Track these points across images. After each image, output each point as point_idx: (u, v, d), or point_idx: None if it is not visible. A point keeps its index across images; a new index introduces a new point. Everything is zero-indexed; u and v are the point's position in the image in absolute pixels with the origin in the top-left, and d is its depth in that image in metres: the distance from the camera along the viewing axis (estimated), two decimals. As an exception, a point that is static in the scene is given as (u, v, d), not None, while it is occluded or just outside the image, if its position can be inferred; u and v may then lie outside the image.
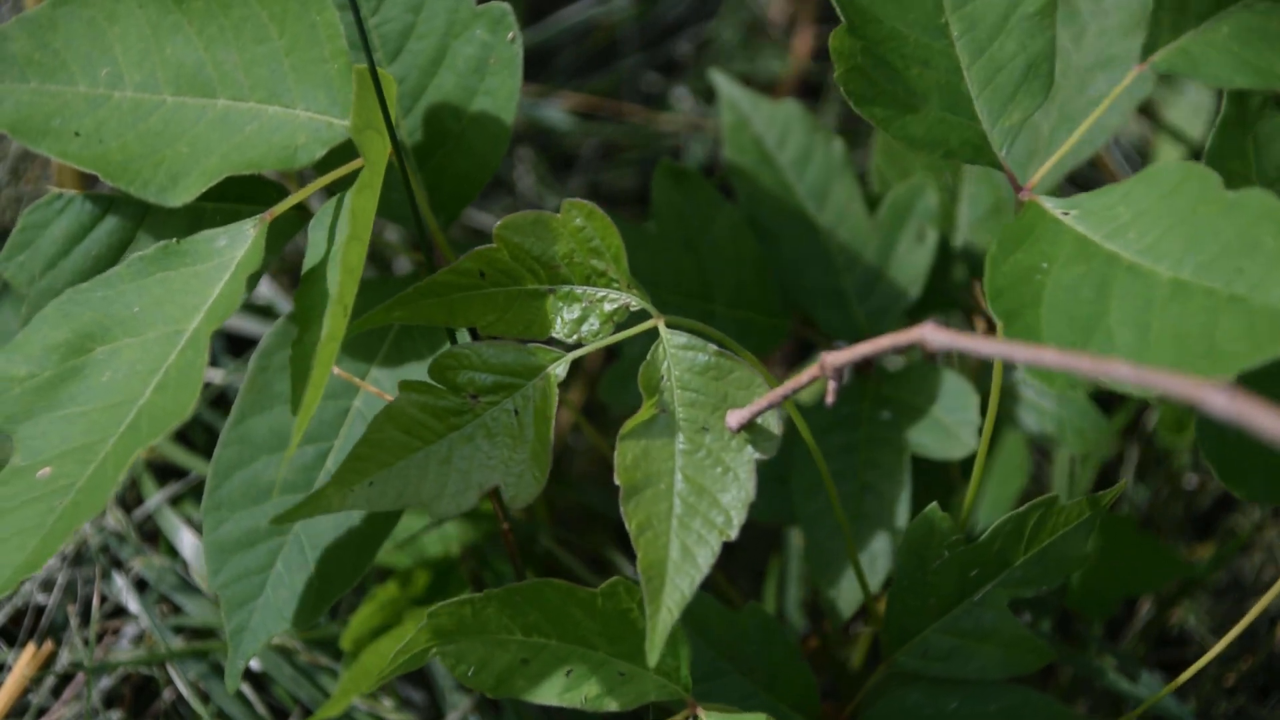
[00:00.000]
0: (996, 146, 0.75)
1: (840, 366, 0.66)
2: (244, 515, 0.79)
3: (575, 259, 0.72)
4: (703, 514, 0.69)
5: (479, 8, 0.82)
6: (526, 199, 1.30)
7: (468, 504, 0.71)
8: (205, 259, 0.74)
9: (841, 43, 0.74)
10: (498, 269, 0.72)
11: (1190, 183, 0.67)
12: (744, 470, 0.69)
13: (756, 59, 1.38)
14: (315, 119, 0.76)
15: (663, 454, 0.70)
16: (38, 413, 0.72)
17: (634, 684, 0.74)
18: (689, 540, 0.69)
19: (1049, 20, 0.74)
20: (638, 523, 0.68)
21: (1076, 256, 0.68)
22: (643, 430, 0.70)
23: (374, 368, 0.82)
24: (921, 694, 0.80)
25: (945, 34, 0.74)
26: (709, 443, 0.70)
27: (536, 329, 0.73)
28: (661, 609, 0.68)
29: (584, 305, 0.73)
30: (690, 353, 0.71)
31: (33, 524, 0.69)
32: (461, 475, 0.71)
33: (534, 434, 0.71)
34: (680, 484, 0.70)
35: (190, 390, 0.68)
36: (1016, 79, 0.74)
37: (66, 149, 0.77)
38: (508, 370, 0.72)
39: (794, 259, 0.99)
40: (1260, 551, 1.09)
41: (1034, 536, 0.76)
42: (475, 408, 0.71)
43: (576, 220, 0.71)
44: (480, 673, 0.73)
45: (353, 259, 0.68)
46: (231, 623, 0.78)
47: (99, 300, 0.73)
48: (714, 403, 0.71)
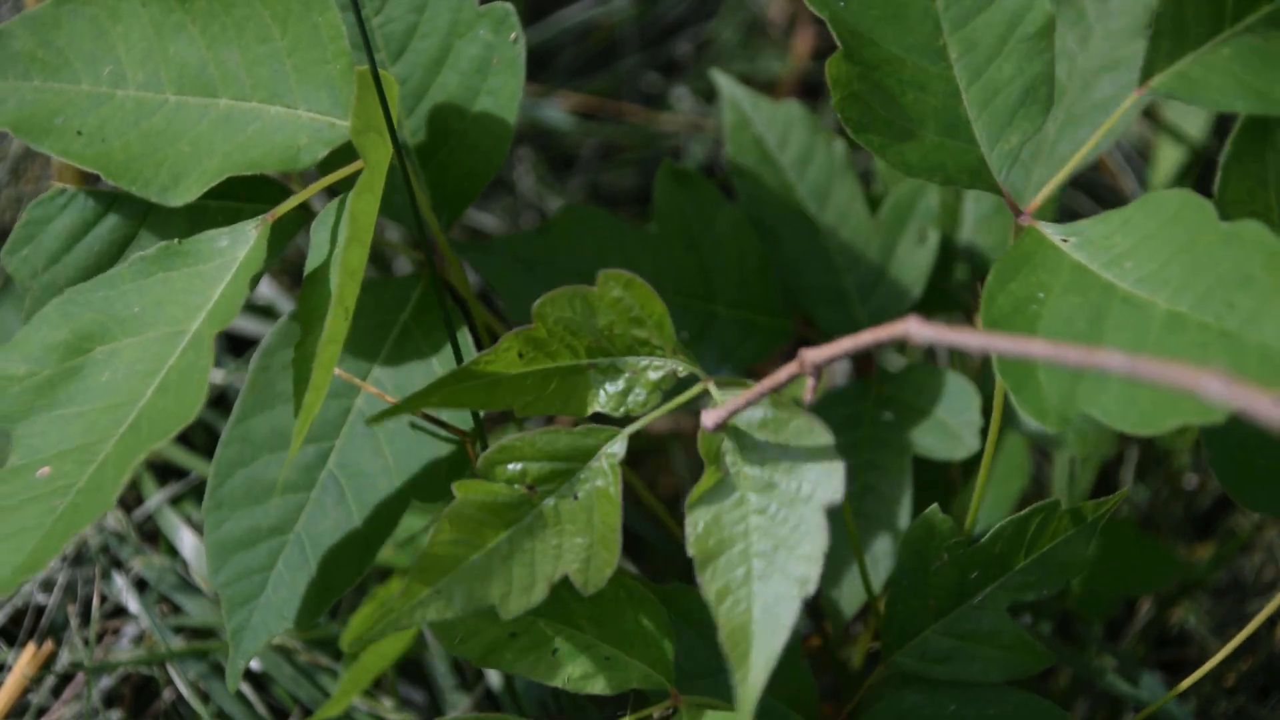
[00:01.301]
0: (995, 170, 0.74)
1: (819, 363, 0.65)
2: (245, 514, 0.79)
3: (616, 330, 0.70)
4: (780, 571, 0.67)
5: (482, 8, 0.82)
6: (526, 199, 1.30)
7: (538, 598, 0.68)
8: (207, 259, 0.73)
9: (838, 69, 0.73)
10: (534, 347, 0.70)
11: (1188, 211, 0.66)
12: (815, 520, 0.68)
13: (756, 59, 1.38)
14: (317, 120, 0.76)
15: (733, 517, 0.69)
16: (36, 412, 0.72)
17: (619, 669, 0.74)
18: (770, 600, 0.67)
19: (1047, 42, 0.74)
20: (716, 591, 0.67)
21: (1073, 286, 0.68)
22: (710, 496, 0.69)
23: (376, 367, 0.82)
24: (920, 696, 0.80)
25: (944, 56, 0.74)
26: (778, 498, 0.69)
27: (575, 406, 0.72)
28: (752, 673, 0.66)
29: (627, 377, 0.71)
30: (746, 410, 0.69)
31: (31, 524, 0.69)
32: (526, 569, 0.69)
33: (599, 517, 0.70)
34: (755, 545, 0.68)
35: (194, 392, 0.68)
36: (1015, 101, 0.74)
37: (69, 148, 0.77)
38: (561, 456, 0.70)
39: (795, 259, 0.99)
40: (1260, 551, 1.10)
41: (1035, 540, 0.76)
42: (533, 499, 0.70)
43: (615, 291, 0.69)
44: (467, 642, 0.73)
45: (354, 262, 0.68)
46: (232, 622, 0.78)
47: (99, 300, 0.73)
48: (776, 456, 0.69)
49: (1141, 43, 0.96)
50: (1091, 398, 0.64)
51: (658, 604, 0.74)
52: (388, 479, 0.80)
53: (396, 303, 0.83)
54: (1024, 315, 0.68)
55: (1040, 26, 0.73)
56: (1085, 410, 0.64)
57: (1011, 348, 0.59)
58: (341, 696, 0.92)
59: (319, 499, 0.79)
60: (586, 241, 0.94)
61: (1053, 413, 0.64)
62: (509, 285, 0.93)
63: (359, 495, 0.79)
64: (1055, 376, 0.65)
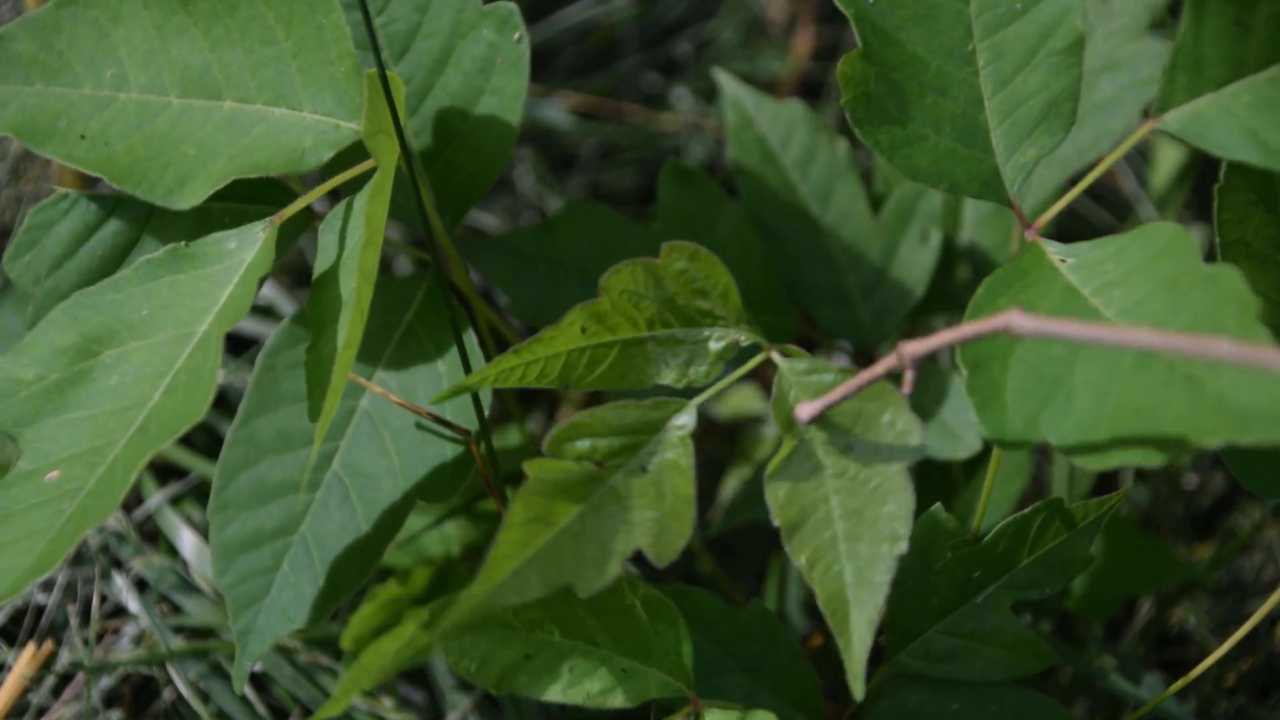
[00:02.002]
0: (1008, 182, 0.74)
1: (918, 357, 0.66)
2: (250, 516, 0.79)
3: (679, 301, 0.70)
4: (868, 533, 0.68)
5: (486, 7, 0.82)
6: (526, 199, 1.29)
7: (612, 574, 0.68)
8: (214, 261, 0.73)
9: (853, 68, 0.73)
10: (598, 321, 0.70)
11: (1175, 249, 0.66)
12: (898, 479, 0.68)
13: (756, 59, 1.38)
14: (322, 121, 0.76)
15: (813, 484, 0.69)
16: (45, 416, 0.72)
17: (637, 681, 0.74)
18: (860, 563, 0.67)
19: (1076, 59, 0.73)
20: (806, 558, 0.68)
21: (1061, 309, 0.68)
22: (787, 466, 0.69)
23: (380, 367, 0.82)
24: (924, 695, 0.80)
25: (971, 62, 0.74)
26: (854, 461, 0.69)
27: (634, 379, 0.72)
28: (854, 636, 0.67)
29: (690, 348, 0.71)
30: (814, 375, 0.70)
31: (40, 527, 0.69)
32: (600, 545, 0.68)
33: (670, 489, 0.69)
34: (837, 509, 0.68)
35: (202, 393, 0.68)
36: (1037, 115, 0.74)
37: (72, 152, 0.77)
38: (630, 430, 0.70)
39: (798, 258, 0.99)
40: (1260, 551, 1.10)
41: (1038, 540, 0.77)
42: (602, 474, 0.70)
43: (679, 263, 0.69)
44: (483, 668, 0.73)
45: (369, 264, 0.68)
46: (238, 624, 0.78)
47: (107, 304, 0.73)
48: (849, 421, 0.69)
49: (1142, 43, 0.96)
50: (1052, 425, 0.65)
51: (674, 609, 0.74)
52: (393, 480, 0.80)
53: (400, 303, 0.83)
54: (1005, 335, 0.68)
55: (1070, 42, 0.73)
56: (1045, 436, 0.64)
57: (1115, 337, 0.59)
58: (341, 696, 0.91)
59: (324, 500, 0.79)
60: (590, 238, 0.94)
61: (1012, 434, 0.65)
62: (512, 282, 0.92)
63: (364, 496, 0.79)
64: (1022, 400, 0.66)
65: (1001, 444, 0.65)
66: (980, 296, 0.70)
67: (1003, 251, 1.02)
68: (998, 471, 1.02)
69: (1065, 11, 0.73)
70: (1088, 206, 1.27)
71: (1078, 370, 0.65)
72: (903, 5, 0.74)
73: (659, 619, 0.74)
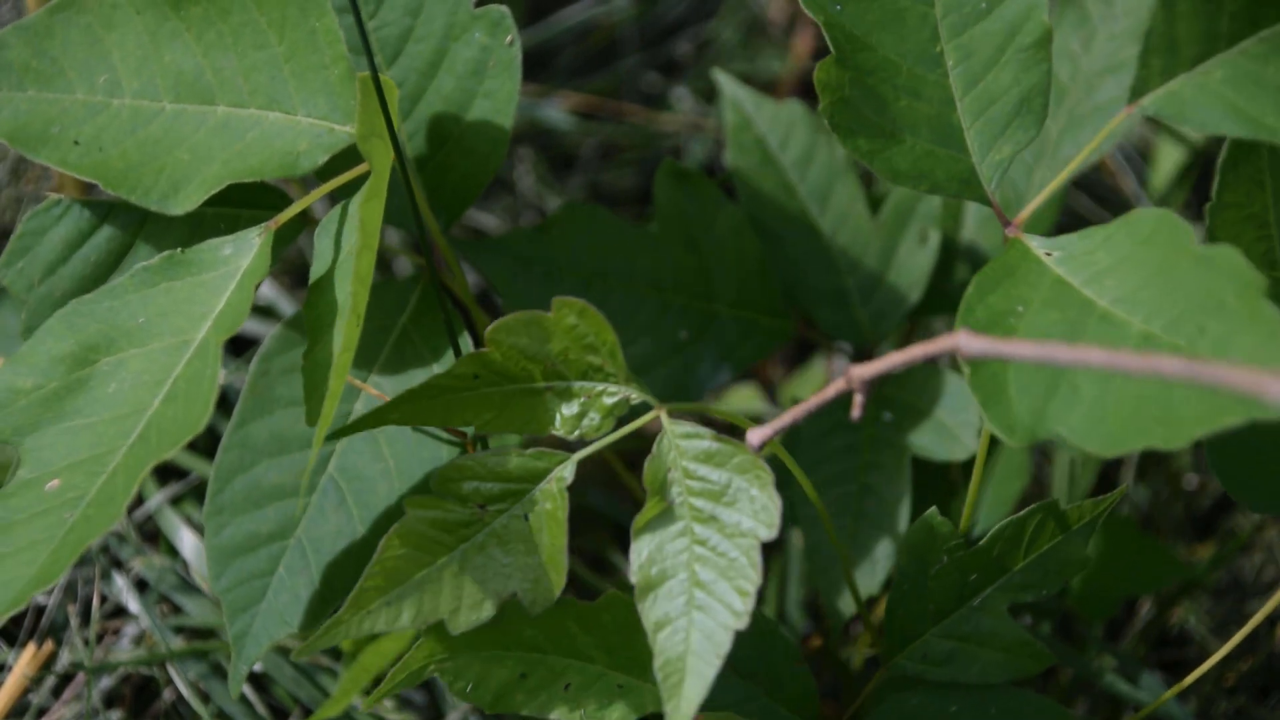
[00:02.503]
0: (986, 180, 0.74)
1: (868, 380, 0.65)
2: (246, 520, 0.79)
3: (570, 355, 0.71)
4: (719, 601, 0.68)
5: (477, 11, 0.82)
6: (526, 199, 1.29)
7: (486, 614, 0.70)
8: (211, 268, 0.73)
9: (829, 74, 0.73)
10: (492, 370, 0.71)
11: (1164, 233, 0.66)
12: (752, 555, 0.69)
13: (756, 59, 1.38)
14: (316, 125, 0.76)
15: (675, 548, 0.69)
16: (44, 425, 0.72)
17: (633, 696, 0.74)
18: (709, 628, 0.68)
19: (1045, 53, 0.73)
20: (655, 621, 0.68)
21: (1053, 301, 0.67)
22: (654, 525, 0.70)
23: (375, 371, 0.82)
24: (922, 698, 0.80)
25: (940, 63, 0.73)
26: (719, 530, 0.69)
27: (535, 425, 0.72)
28: (684, 703, 0.67)
29: (582, 400, 0.72)
30: (693, 441, 0.70)
31: (42, 537, 0.69)
32: (477, 586, 0.70)
33: (547, 539, 0.71)
34: (694, 576, 0.69)
35: (202, 402, 0.68)
36: (1010, 112, 0.73)
37: (66, 158, 0.77)
38: (512, 477, 0.71)
39: (796, 259, 0.99)
40: (1260, 551, 1.09)
41: (1034, 541, 0.76)
42: (484, 517, 0.71)
43: (569, 319, 0.70)
44: (478, 689, 0.73)
45: (364, 269, 0.68)
46: (234, 627, 0.78)
47: (104, 311, 0.73)
48: (719, 489, 0.70)
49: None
50: (1061, 417, 0.64)
51: None
52: (388, 483, 0.80)
53: (395, 306, 0.83)
54: (1002, 328, 0.68)
55: (1038, 37, 0.73)
56: (1054, 429, 0.64)
57: (1069, 358, 0.58)
58: (341, 696, 0.92)
59: (319, 504, 0.79)
60: (587, 240, 0.94)
61: (1021, 429, 0.64)
62: (509, 284, 0.92)
63: (360, 499, 0.79)
64: (1027, 393, 0.65)
65: (1012, 439, 0.65)
66: (971, 295, 0.70)
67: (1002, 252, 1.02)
68: (998, 472, 1.02)
69: (1031, 7, 0.73)
70: (1088, 207, 1.27)
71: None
72: (869, 10, 0.73)
73: None
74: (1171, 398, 0.61)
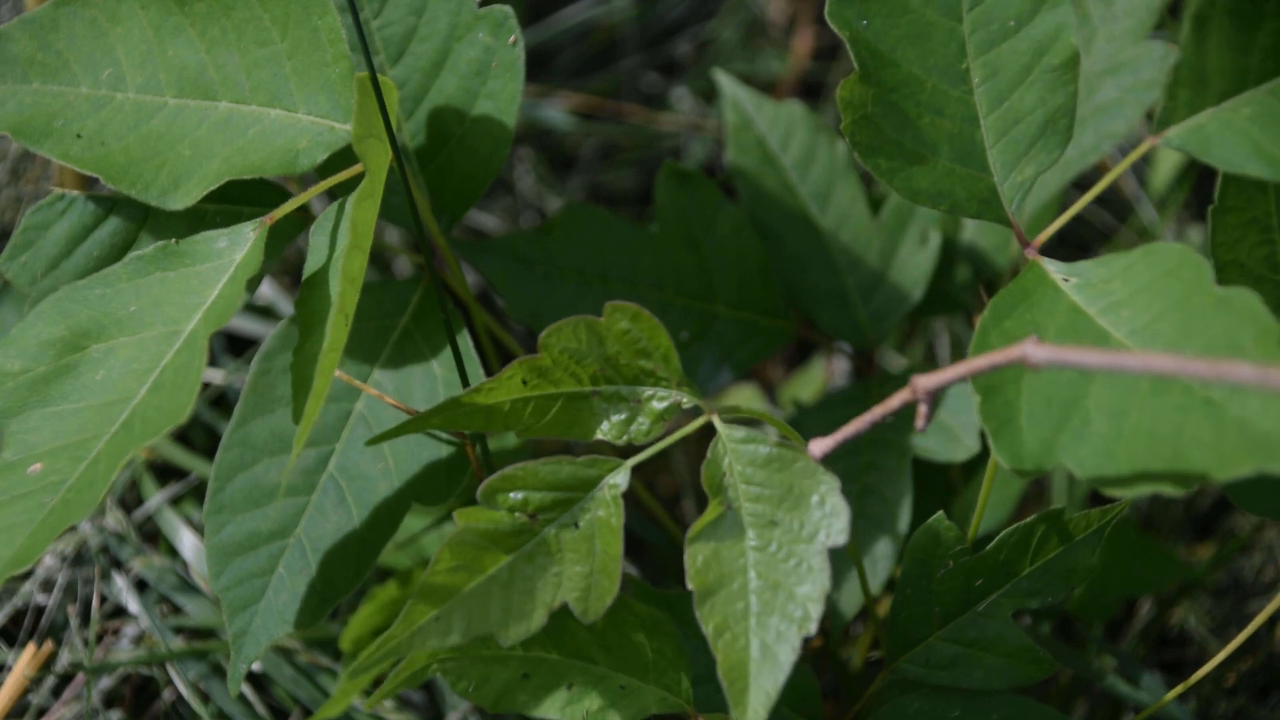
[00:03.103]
0: (1007, 201, 0.74)
1: (933, 389, 0.65)
2: (246, 519, 0.79)
3: (622, 360, 0.70)
4: (780, 609, 0.68)
5: (481, 10, 0.82)
6: (527, 199, 1.30)
7: (537, 625, 0.69)
8: (204, 260, 0.73)
9: (852, 92, 0.73)
10: (538, 375, 0.70)
11: (1185, 270, 0.66)
12: (817, 560, 0.68)
13: (756, 59, 1.38)
14: (317, 123, 0.76)
15: (733, 553, 0.69)
16: (30, 408, 0.72)
17: (635, 697, 0.74)
18: (768, 638, 0.67)
19: (1071, 75, 0.73)
20: (714, 625, 0.67)
21: (1068, 329, 0.67)
22: (710, 531, 0.69)
23: (376, 370, 0.82)
24: (924, 702, 0.80)
25: (965, 80, 0.73)
26: (779, 536, 0.69)
27: (579, 431, 0.72)
28: (749, 710, 0.66)
29: (632, 406, 0.71)
30: (751, 446, 0.70)
31: (21, 520, 0.69)
32: (526, 596, 0.69)
33: (600, 546, 0.70)
34: (754, 581, 0.68)
35: (187, 392, 0.68)
36: (1034, 133, 0.73)
37: (68, 151, 0.77)
38: (563, 485, 0.70)
39: (797, 260, 0.99)
40: (1260, 552, 1.09)
41: (1040, 548, 0.76)
42: (534, 527, 0.70)
43: (622, 323, 0.69)
44: (481, 689, 0.73)
45: (354, 268, 0.68)
46: (233, 626, 0.78)
47: (96, 298, 0.73)
48: (780, 495, 0.69)
49: (1146, 46, 0.95)
50: (1070, 449, 0.64)
51: (671, 626, 0.74)
52: (388, 482, 0.80)
53: (396, 306, 0.83)
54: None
55: (1065, 59, 0.73)
56: (1062, 461, 0.64)
57: (1138, 365, 0.58)
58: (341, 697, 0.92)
59: (319, 503, 0.79)
60: (587, 240, 0.94)
61: (1029, 459, 0.65)
62: (509, 284, 0.92)
63: (359, 498, 0.79)
64: (1037, 423, 0.65)
65: (1020, 472, 0.65)
66: (987, 319, 0.70)
67: (1003, 253, 1.02)
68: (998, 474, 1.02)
69: (1060, 28, 0.73)
70: (1088, 207, 1.27)
71: (1092, 393, 0.64)
72: (896, 25, 0.73)
73: (656, 635, 0.74)
74: (1183, 437, 0.61)
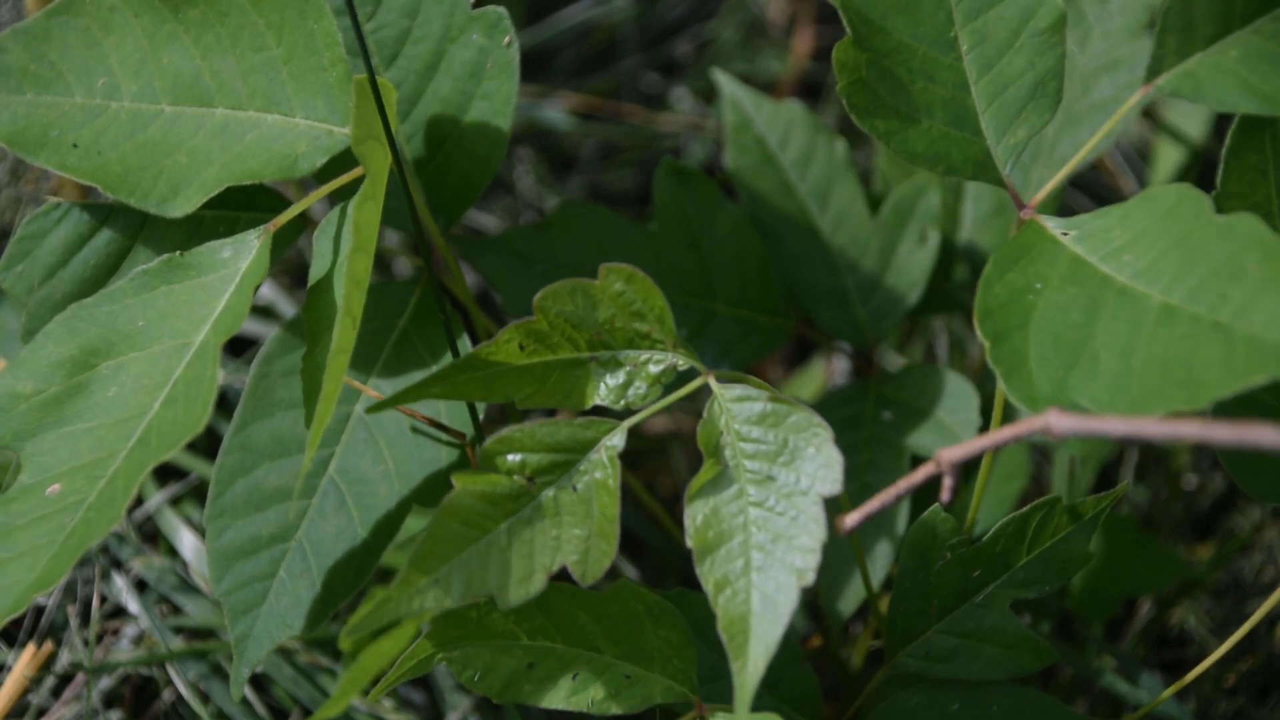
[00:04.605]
0: (1000, 163, 0.75)
1: (957, 462, 0.65)
2: (246, 523, 0.79)
3: (617, 323, 0.70)
4: (779, 561, 0.68)
5: (475, 12, 0.82)
6: (526, 199, 1.29)
7: (536, 589, 0.69)
8: (210, 270, 0.73)
9: (846, 55, 0.73)
10: (536, 340, 0.70)
11: (1185, 205, 0.66)
12: (814, 510, 0.68)
13: (756, 59, 1.38)
14: (315, 127, 0.76)
15: (731, 510, 0.69)
16: (45, 429, 0.72)
17: (641, 686, 0.74)
18: (769, 590, 0.67)
19: (1059, 37, 0.74)
20: (715, 582, 0.68)
21: (1071, 278, 0.68)
22: (709, 489, 0.69)
23: (375, 373, 0.82)
24: (924, 695, 0.80)
25: (955, 48, 0.74)
26: (776, 490, 0.69)
27: (576, 398, 0.72)
28: (750, 663, 0.67)
29: (628, 370, 0.71)
30: (745, 404, 0.70)
31: (43, 542, 0.69)
32: (525, 560, 0.69)
33: (598, 509, 0.70)
34: (756, 536, 0.68)
35: (201, 404, 0.68)
36: (1024, 96, 0.74)
37: (65, 161, 0.77)
38: (561, 447, 0.70)
39: (796, 259, 0.99)
40: (1260, 552, 1.09)
41: (1036, 538, 0.77)
42: (532, 490, 0.70)
43: (616, 285, 0.69)
44: (486, 678, 0.73)
45: (359, 271, 0.68)
46: (235, 630, 0.78)
47: (103, 315, 0.73)
48: (775, 450, 0.69)
49: (1141, 42, 0.95)
50: (1082, 387, 0.64)
51: (677, 615, 0.74)
52: (389, 485, 0.80)
53: (395, 308, 0.83)
54: (1020, 305, 0.68)
55: (1052, 21, 0.74)
56: (1075, 399, 0.64)
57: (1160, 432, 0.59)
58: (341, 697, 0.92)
59: (320, 506, 0.79)
60: (586, 238, 0.94)
61: (1042, 399, 0.65)
62: (508, 282, 0.92)
63: (360, 501, 0.79)
64: (1046, 364, 0.65)
65: (1033, 409, 0.65)
66: (990, 272, 0.70)
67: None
68: (998, 472, 1.02)
69: None
70: (1088, 206, 1.27)
71: (1098, 334, 0.65)
72: None
73: (662, 624, 0.74)
74: (1194, 360, 0.61)
